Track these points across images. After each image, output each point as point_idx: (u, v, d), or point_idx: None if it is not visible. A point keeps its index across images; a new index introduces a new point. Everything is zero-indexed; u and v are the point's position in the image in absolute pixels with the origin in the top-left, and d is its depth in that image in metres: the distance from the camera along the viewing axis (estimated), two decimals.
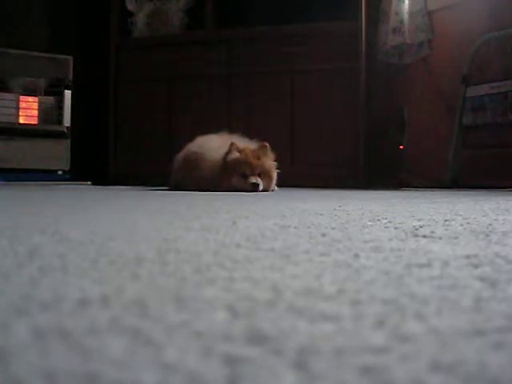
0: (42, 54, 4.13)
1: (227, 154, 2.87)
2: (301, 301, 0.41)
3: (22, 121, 4.09)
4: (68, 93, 4.10)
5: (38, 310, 0.37)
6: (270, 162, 2.94)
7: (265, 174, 2.91)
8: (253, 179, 2.84)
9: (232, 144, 2.89)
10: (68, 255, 0.62)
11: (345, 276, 0.52)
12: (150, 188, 3.39)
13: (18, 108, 4.05)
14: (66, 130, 4.16)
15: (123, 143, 4.43)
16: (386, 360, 0.29)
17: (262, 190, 2.85)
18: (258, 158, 2.89)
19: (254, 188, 2.81)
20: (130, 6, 4.44)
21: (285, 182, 3.91)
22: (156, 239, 0.78)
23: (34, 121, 4.13)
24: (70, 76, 4.12)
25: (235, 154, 2.87)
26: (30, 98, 4.11)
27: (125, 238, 0.80)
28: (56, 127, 4.15)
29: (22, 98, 4.08)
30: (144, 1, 4.43)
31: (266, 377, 0.26)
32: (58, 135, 4.17)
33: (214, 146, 3.06)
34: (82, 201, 1.98)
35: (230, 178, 2.85)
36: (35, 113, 4.12)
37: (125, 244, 0.73)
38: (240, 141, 3.07)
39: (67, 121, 4.12)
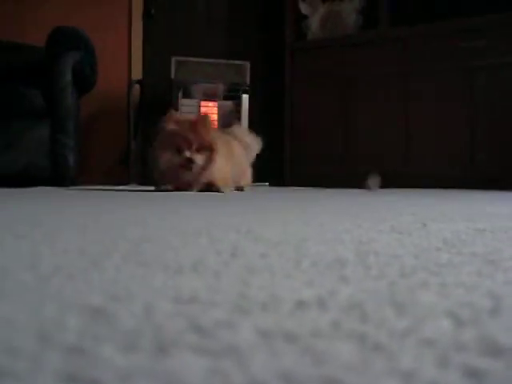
0: (220, 61, 4.29)
1: (163, 125, 2.49)
2: None
3: None
4: (245, 97, 4.22)
5: (257, 310, 0.38)
6: (211, 136, 2.50)
7: (205, 149, 2.47)
8: (187, 153, 2.44)
9: (170, 113, 2.53)
10: (269, 255, 0.63)
11: None
12: (326, 188, 3.40)
13: (198, 112, 4.25)
14: None
15: (299, 145, 4.49)
16: None
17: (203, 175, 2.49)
18: (196, 131, 2.45)
19: (189, 163, 2.43)
20: (304, 10, 4.50)
21: (465, 184, 3.75)
22: (350, 240, 0.77)
23: (214, 124, 4.30)
24: (247, 81, 4.24)
25: (171, 126, 2.47)
26: (210, 103, 4.29)
27: (318, 238, 0.80)
28: None
29: (202, 103, 4.27)
30: (318, 3, 4.46)
31: None
32: None
33: None
34: (257, 201, 2.03)
35: (163, 153, 2.46)
36: (215, 116, 4.30)
37: (320, 245, 0.73)
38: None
39: (245, 124, 4.26)
